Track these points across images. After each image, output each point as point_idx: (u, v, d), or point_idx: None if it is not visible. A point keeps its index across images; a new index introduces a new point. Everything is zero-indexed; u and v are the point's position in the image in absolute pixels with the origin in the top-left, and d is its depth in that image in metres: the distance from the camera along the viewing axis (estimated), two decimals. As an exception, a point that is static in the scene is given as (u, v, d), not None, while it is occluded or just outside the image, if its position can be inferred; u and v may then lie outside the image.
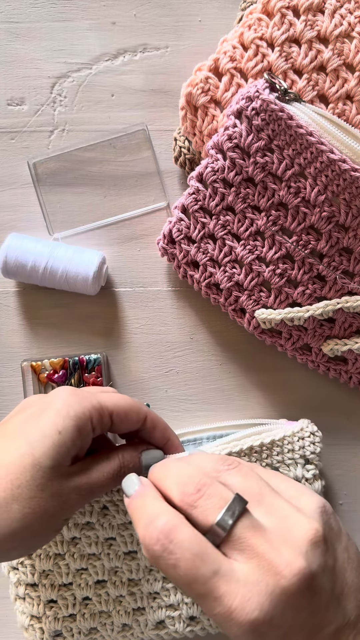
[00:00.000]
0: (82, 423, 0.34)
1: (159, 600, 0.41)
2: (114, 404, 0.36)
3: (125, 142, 0.49)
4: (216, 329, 0.49)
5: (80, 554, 0.41)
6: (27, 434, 0.34)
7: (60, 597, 0.41)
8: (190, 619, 0.41)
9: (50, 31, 0.49)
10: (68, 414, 0.34)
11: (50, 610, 0.41)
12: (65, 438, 0.33)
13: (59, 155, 0.49)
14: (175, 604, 0.41)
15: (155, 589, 0.41)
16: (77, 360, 0.48)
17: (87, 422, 0.34)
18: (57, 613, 0.41)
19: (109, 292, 0.50)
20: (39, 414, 0.34)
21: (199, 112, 0.45)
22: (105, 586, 0.41)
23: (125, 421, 0.36)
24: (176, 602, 0.41)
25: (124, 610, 0.41)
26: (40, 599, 0.41)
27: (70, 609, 0.41)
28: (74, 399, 0.35)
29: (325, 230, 0.42)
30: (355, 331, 0.45)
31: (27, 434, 0.33)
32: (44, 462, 0.33)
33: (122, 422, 0.36)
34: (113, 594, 0.41)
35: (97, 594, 0.41)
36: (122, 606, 0.41)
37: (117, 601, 0.41)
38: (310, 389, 0.49)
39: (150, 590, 0.41)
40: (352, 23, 0.42)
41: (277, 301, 0.45)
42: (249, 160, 0.42)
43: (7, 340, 0.50)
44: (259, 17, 0.43)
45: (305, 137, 0.40)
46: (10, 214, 0.50)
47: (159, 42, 0.49)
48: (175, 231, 0.46)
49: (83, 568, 0.41)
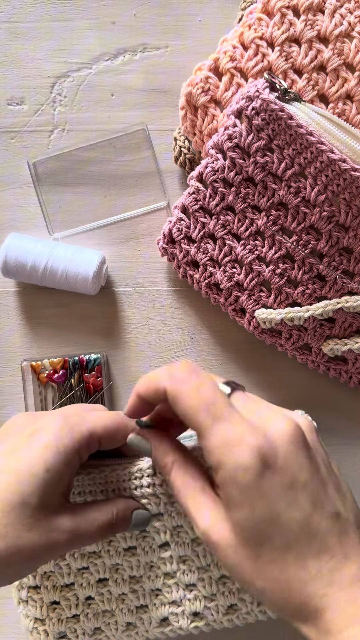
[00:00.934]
0: (71, 457, 0.34)
1: (162, 597, 0.41)
2: (103, 427, 0.35)
3: (125, 142, 0.49)
4: (216, 329, 0.49)
5: (80, 552, 0.41)
6: (15, 470, 0.33)
7: (62, 597, 0.41)
8: (194, 614, 0.41)
9: (50, 31, 0.49)
10: (57, 450, 0.33)
11: (53, 612, 0.41)
12: (54, 476, 0.33)
13: (59, 155, 0.49)
14: (178, 600, 0.41)
15: (157, 585, 0.41)
16: (77, 360, 0.48)
17: (76, 455, 0.34)
18: (60, 614, 0.41)
19: (109, 291, 0.50)
20: (28, 446, 0.34)
21: (199, 111, 0.45)
22: (107, 584, 0.41)
23: (112, 442, 0.36)
24: (179, 599, 0.41)
25: (127, 608, 0.41)
26: (43, 601, 0.41)
27: (74, 610, 0.41)
28: (64, 431, 0.34)
29: (325, 230, 0.42)
30: (356, 331, 0.45)
31: (16, 470, 0.33)
32: (32, 500, 0.32)
33: (109, 443, 0.36)
34: (115, 592, 0.41)
35: (99, 593, 0.41)
36: (125, 604, 0.41)
37: (119, 599, 0.41)
38: (310, 389, 0.49)
39: (152, 586, 0.41)
40: (352, 23, 0.42)
41: (277, 301, 0.45)
42: (249, 159, 0.42)
43: (7, 340, 0.50)
44: (259, 17, 0.43)
45: (305, 137, 0.40)
46: (10, 213, 0.50)
47: (159, 41, 0.49)
48: (175, 231, 0.46)
49: (84, 567, 0.41)
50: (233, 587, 0.41)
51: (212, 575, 0.41)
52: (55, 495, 0.33)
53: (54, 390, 0.49)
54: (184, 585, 0.41)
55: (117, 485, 0.38)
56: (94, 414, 0.36)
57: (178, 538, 0.40)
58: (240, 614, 0.41)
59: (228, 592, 0.41)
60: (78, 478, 0.38)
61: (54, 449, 0.33)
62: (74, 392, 0.48)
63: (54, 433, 0.34)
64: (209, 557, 0.40)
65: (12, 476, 0.32)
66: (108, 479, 0.38)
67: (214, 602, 0.41)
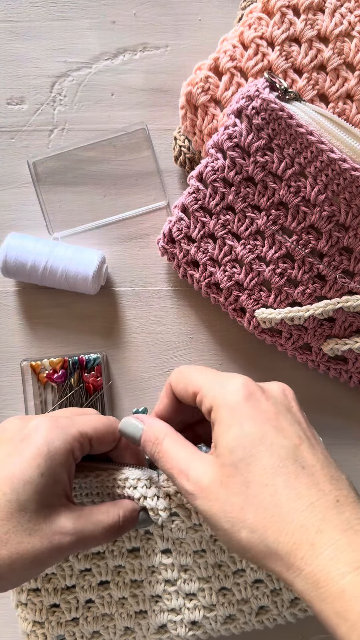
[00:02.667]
0: (64, 458, 0.34)
1: (161, 604, 0.41)
2: (93, 429, 0.36)
3: (125, 142, 0.49)
4: (216, 329, 0.49)
5: (84, 554, 0.41)
6: (9, 477, 0.33)
7: (63, 600, 0.41)
8: (192, 623, 0.41)
9: (50, 30, 0.49)
10: (49, 453, 0.33)
11: (52, 615, 0.41)
12: (49, 480, 0.33)
13: (59, 155, 0.49)
14: (177, 608, 0.41)
15: (158, 591, 0.41)
16: (77, 359, 0.48)
17: (69, 456, 0.34)
18: (60, 617, 0.41)
19: (109, 291, 0.50)
20: (20, 452, 0.34)
21: (199, 111, 0.45)
22: (109, 588, 0.41)
23: (102, 444, 0.36)
24: (178, 607, 0.41)
25: (126, 613, 0.41)
26: (42, 604, 0.41)
27: (74, 613, 0.41)
28: (54, 433, 0.34)
29: (325, 229, 0.42)
30: (356, 330, 0.45)
31: (10, 478, 0.33)
32: (30, 506, 0.32)
33: (99, 445, 0.36)
34: (116, 595, 0.41)
35: (100, 596, 0.41)
36: (124, 609, 0.41)
37: (119, 603, 0.41)
38: (310, 389, 0.49)
39: (153, 592, 0.41)
40: (352, 22, 0.42)
41: (277, 300, 0.45)
42: (249, 159, 0.42)
43: (6, 339, 0.50)
44: (259, 16, 0.43)
45: (306, 136, 0.40)
46: (10, 213, 0.50)
47: (158, 41, 0.49)
48: (175, 230, 0.46)
49: (87, 569, 0.41)
50: (233, 599, 0.41)
51: (212, 587, 0.41)
52: (54, 497, 0.33)
53: (53, 390, 0.49)
54: (184, 594, 0.41)
55: (123, 491, 0.38)
56: (84, 417, 0.37)
57: (180, 548, 0.40)
58: (238, 623, 0.41)
59: (228, 604, 0.41)
60: (86, 480, 0.38)
61: (45, 452, 0.33)
62: (73, 391, 0.48)
63: (44, 436, 0.34)
64: (211, 569, 0.40)
65: (6, 484, 0.32)
66: (116, 482, 0.38)
67: (213, 612, 0.41)
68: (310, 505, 0.29)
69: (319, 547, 0.28)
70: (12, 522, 0.32)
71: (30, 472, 0.33)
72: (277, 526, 0.29)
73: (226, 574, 0.40)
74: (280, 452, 0.31)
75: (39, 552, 0.32)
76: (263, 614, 0.41)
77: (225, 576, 0.40)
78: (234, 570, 0.41)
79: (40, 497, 0.33)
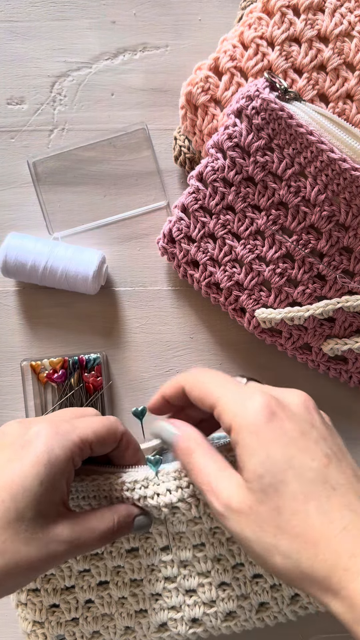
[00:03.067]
0: (64, 466, 0.34)
1: (161, 602, 0.41)
2: (94, 432, 0.35)
3: (125, 141, 0.49)
4: (216, 329, 0.49)
5: (83, 554, 0.41)
6: (9, 485, 0.32)
7: (62, 600, 0.41)
8: (193, 621, 0.41)
9: (50, 30, 0.49)
10: (49, 461, 0.33)
11: (52, 615, 0.41)
12: (48, 488, 0.33)
13: (59, 155, 0.49)
14: (177, 605, 0.41)
15: (157, 589, 0.41)
16: (77, 359, 0.48)
17: (69, 463, 0.34)
18: (59, 617, 0.41)
19: (109, 291, 0.50)
20: (20, 459, 0.33)
21: (199, 111, 0.45)
22: (108, 587, 0.41)
23: (103, 447, 0.36)
24: (178, 604, 0.41)
25: (126, 612, 0.41)
26: (42, 603, 0.41)
27: (73, 613, 0.41)
28: (55, 440, 0.34)
29: (325, 229, 0.42)
30: (356, 330, 0.45)
31: (9, 485, 0.32)
32: (28, 515, 0.32)
33: (100, 448, 0.36)
34: (116, 595, 0.41)
35: (99, 596, 0.41)
36: (124, 608, 0.41)
37: (119, 603, 0.41)
38: (310, 389, 0.49)
39: (153, 590, 0.41)
40: (352, 22, 0.42)
41: (277, 300, 0.45)
42: (249, 159, 0.42)
43: (6, 339, 0.50)
44: (259, 16, 0.43)
45: (306, 136, 0.40)
46: (10, 213, 0.50)
47: (158, 41, 0.49)
48: (175, 230, 0.46)
49: (86, 569, 0.41)
50: (233, 594, 0.41)
51: (212, 582, 0.40)
52: (52, 505, 0.33)
53: (53, 390, 0.49)
54: (184, 591, 0.41)
55: (121, 494, 0.38)
56: (84, 419, 0.36)
57: (180, 543, 0.40)
58: (238, 621, 0.41)
59: (228, 599, 0.41)
60: (82, 484, 0.38)
61: (45, 460, 0.33)
62: (73, 391, 0.48)
63: (45, 444, 0.33)
64: (210, 563, 0.40)
65: (6, 492, 0.32)
66: (112, 486, 0.38)
67: (213, 609, 0.41)
68: (343, 529, 0.29)
69: (353, 572, 0.28)
70: (9, 531, 0.32)
71: (30, 480, 0.32)
72: (311, 552, 0.29)
73: (225, 568, 0.40)
74: (309, 474, 0.30)
75: (35, 560, 0.32)
76: (263, 611, 0.41)
77: (224, 570, 0.40)
78: (233, 564, 0.40)
79: (38, 506, 0.32)
